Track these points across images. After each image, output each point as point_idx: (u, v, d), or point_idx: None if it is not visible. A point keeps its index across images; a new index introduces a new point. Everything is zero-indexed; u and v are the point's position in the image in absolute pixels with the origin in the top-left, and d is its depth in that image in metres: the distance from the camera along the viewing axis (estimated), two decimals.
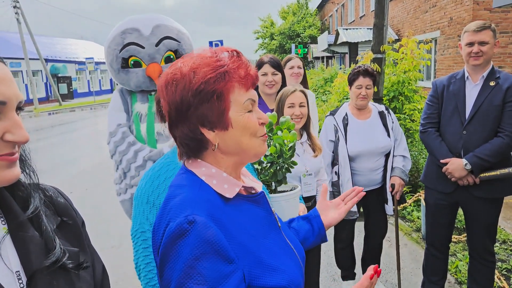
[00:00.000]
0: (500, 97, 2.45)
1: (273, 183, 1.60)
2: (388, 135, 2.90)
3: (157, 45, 2.24)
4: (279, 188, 1.64)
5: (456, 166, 2.51)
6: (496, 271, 3.11)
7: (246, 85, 0.99)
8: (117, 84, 2.48)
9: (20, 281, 0.75)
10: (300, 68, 3.32)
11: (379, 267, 1.05)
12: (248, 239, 0.97)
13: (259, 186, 1.11)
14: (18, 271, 0.76)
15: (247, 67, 1.00)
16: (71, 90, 33.98)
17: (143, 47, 2.23)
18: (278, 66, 2.82)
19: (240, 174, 1.08)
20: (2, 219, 0.79)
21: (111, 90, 39.36)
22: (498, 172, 2.47)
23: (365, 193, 1.31)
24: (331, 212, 1.30)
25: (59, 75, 32.86)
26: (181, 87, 0.95)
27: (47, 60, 29.86)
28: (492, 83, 2.49)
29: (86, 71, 34.02)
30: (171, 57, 2.30)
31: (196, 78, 0.94)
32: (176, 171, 1.10)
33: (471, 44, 2.48)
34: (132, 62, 2.26)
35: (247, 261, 0.94)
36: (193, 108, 0.95)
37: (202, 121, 0.96)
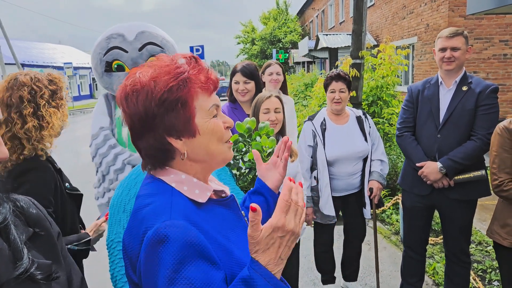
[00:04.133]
0: (473, 102, 2.52)
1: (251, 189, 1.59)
2: (366, 139, 2.95)
3: (140, 49, 2.29)
4: None
5: (431, 169, 2.57)
6: (472, 272, 3.18)
7: (208, 90, 0.99)
8: (96, 90, 2.49)
9: None
10: (279, 74, 3.33)
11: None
12: (225, 241, 0.96)
13: (227, 190, 1.11)
14: None
15: (207, 72, 0.99)
16: None
17: (126, 51, 2.28)
18: (250, 75, 2.82)
19: (208, 179, 1.07)
20: None
21: (90, 96, 38.64)
22: (471, 174, 2.54)
23: (291, 142, 1.30)
24: (272, 174, 1.29)
25: None
26: (142, 97, 0.92)
27: (23, 65, 29.12)
28: (464, 88, 2.56)
29: (64, 76, 33.27)
30: None
31: (157, 87, 0.92)
32: None
33: (443, 49, 2.55)
34: (115, 66, 2.31)
35: (228, 262, 0.93)
36: (158, 118, 0.93)
37: (168, 130, 0.94)
